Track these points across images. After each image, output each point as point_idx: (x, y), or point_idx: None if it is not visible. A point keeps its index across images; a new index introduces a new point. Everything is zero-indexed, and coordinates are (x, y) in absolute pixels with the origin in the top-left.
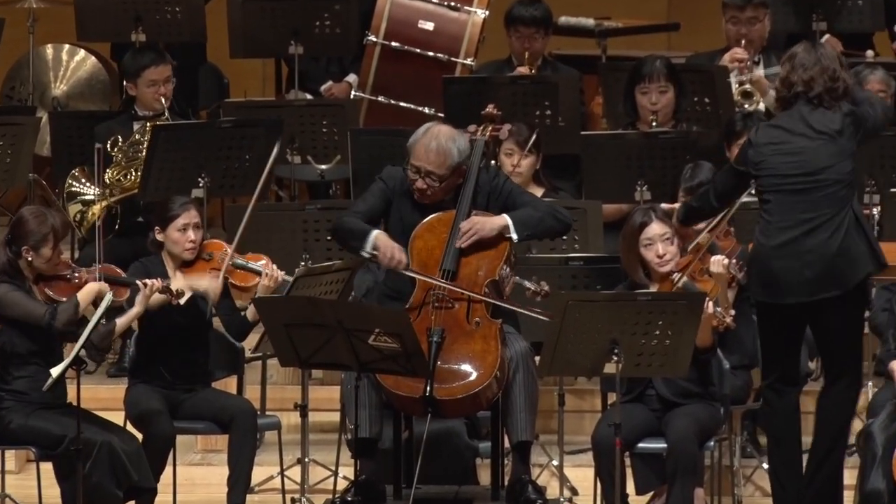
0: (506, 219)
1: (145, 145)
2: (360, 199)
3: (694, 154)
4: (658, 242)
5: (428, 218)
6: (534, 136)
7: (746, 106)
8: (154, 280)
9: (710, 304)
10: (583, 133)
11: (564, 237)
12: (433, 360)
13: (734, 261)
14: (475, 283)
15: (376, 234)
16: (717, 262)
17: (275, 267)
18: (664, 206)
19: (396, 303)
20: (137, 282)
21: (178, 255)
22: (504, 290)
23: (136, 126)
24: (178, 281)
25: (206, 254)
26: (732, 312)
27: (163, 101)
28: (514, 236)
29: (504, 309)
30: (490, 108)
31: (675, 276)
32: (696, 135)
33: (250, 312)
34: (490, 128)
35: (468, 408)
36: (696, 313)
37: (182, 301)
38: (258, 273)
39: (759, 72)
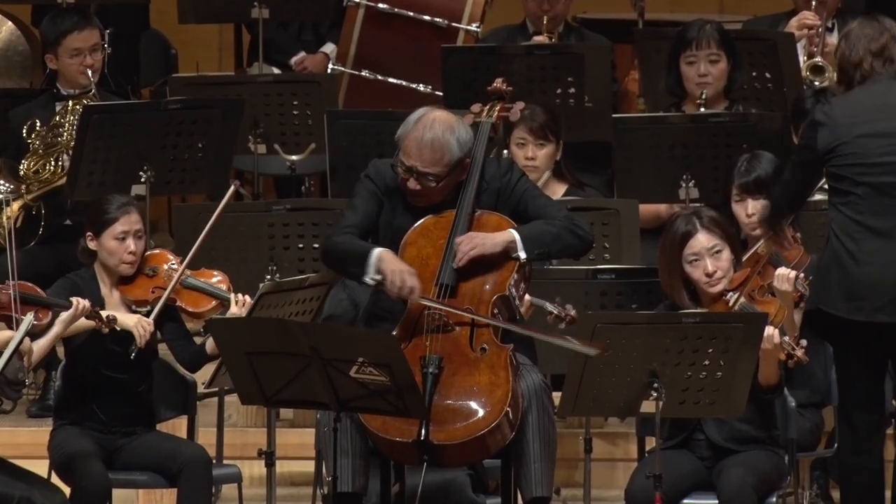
0: (512, 234)
1: (66, 128)
2: (348, 209)
3: (752, 142)
4: (706, 257)
5: (422, 220)
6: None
7: (817, 83)
8: (84, 301)
9: (776, 332)
10: (615, 116)
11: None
12: (429, 396)
13: (801, 275)
14: (480, 301)
15: (379, 254)
16: (783, 277)
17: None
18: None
19: (386, 324)
20: (66, 301)
21: (114, 268)
22: (516, 307)
23: (59, 107)
24: (110, 305)
25: (150, 268)
26: (804, 342)
27: (89, 74)
28: (522, 255)
29: (517, 334)
30: (498, 83)
31: (730, 295)
32: (756, 118)
33: (210, 345)
34: (498, 107)
35: (473, 454)
36: (756, 339)
37: (107, 330)
38: (220, 298)
39: (833, 41)
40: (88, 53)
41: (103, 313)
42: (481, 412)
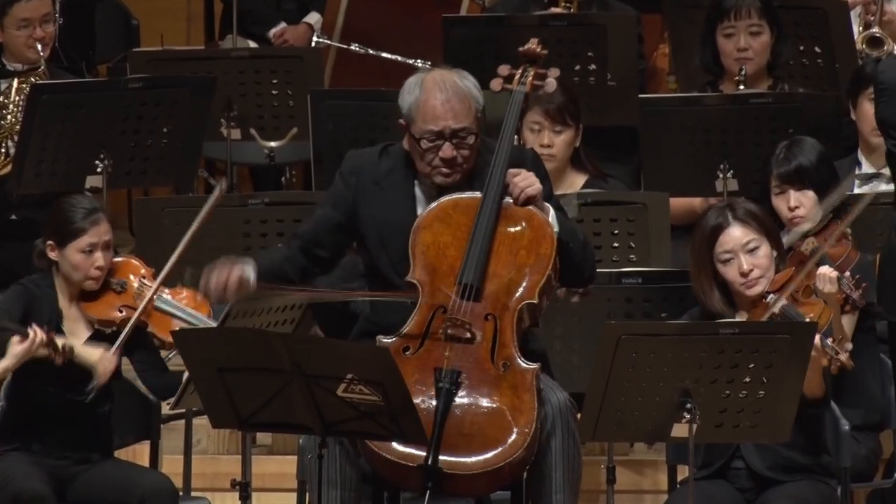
0: (549, 209)
1: (11, 110)
2: (312, 214)
3: (799, 126)
4: (741, 254)
5: (439, 201)
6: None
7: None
8: (40, 331)
9: (832, 273)
10: (641, 96)
11: (589, 268)
12: (441, 416)
13: (847, 275)
14: (506, 308)
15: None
16: (824, 277)
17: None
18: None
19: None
20: (22, 328)
21: (78, 283)
22: (539, 317)
23: (3, 86)
24: (68, 321)
25: (117, 282)
26: (849, 346)
27: (39, 48)
28: (556, 227)
29: (532, 347)
30: (532, 44)
31: (770, 297)
32: (803, 99)
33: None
34: (532, 73)
35: (486, 486)
36: (804, 352)
37: (61, 362)
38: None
39: (894, 7)
40: (38, 25)
41: (59, 341)
42: (500, 442)
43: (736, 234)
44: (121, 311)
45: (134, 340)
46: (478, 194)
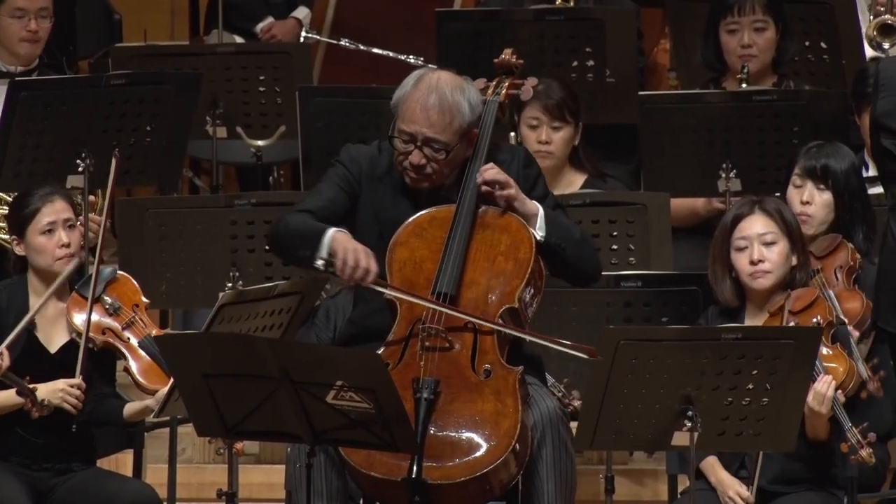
0: (538, 208)
1: None
2: (312, 192)
3: (805, 125)
4: (755, 243)
5: (415, 216)
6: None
7: (886, 46)
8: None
9: (827, 397)
10: (641, 94)
11: (592, 274)
12: (422, 427)
13: (839, 393)
14: (485, 313)
15: (332, 234)
16: (818, 396)
17: None
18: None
19: (373, 346)
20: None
21: (48, 268)
22: (526, 320)
23: None
24: (43, 319)
25: (111, 301)
26: (873, 437)
27: (31, 46)
28: (539, 235)
29: (527, 352)
30: (506, 55)
31: (792, 325)
32: (809, 96)
33: (130, 409)
34: (507, 83)
35: (474, 497)
36: (809, 358)
37: (38, 415)
38: None
39: None
40: (34, 17)
41: (37, 395)
42: (485, 447)
43: (755, 222)
44: (104, 334)
45: (99, 363)
46: (454, 206)
